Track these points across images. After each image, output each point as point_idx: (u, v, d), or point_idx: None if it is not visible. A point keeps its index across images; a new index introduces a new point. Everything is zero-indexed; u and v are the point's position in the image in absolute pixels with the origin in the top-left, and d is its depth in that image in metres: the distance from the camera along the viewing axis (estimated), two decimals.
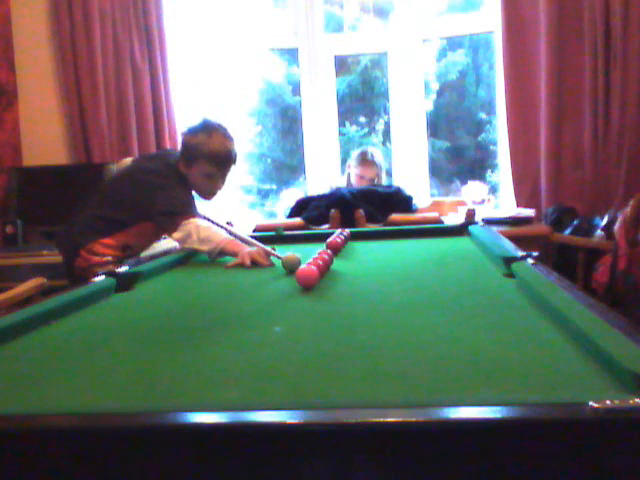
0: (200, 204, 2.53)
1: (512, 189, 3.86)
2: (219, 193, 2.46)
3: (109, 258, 2.33)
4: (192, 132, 2.33)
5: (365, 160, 3.69)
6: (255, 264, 2.02)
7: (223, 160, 2.31)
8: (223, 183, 2.41)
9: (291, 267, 1.83)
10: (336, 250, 2.07)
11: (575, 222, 3.42)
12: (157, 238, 2.49)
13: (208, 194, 2.42)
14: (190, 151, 2.32)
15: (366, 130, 4.90)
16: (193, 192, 2.44)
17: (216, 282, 1.91)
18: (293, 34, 4.27)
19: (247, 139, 4.76)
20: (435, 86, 4.79)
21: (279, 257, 1.97)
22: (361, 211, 3.21)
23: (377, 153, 3.77)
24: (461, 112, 4.87)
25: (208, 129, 2.31)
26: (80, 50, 3.84)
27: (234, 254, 2.11)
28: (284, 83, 4.88)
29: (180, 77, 4.07)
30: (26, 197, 3.80)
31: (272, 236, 2.65)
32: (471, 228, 2.53)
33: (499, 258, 1.75)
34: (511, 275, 1.60)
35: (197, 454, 0.69)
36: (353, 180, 3.73)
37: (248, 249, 2.09)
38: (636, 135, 3.49)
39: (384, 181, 3.78)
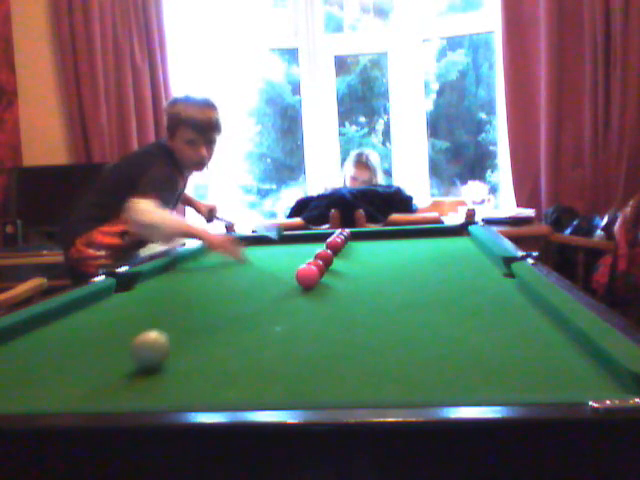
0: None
1: (512, 189, 3.85)
2: (209, 165, 2.47)
3: (102, 253, 2.33)
4: (171, 103, 2.44)
5: (359, 162, 3.68)
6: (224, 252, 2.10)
7: (202, 124, 2.33)
8: (210, 152, 2.40)
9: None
10: (336, 250, 2.07)
11: (575, 222, 3.42)
12: None
13: (195, 164, 2.41)
14: (171, 120, 2.38)
15: (366, 130, 4.90)
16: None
17: (216, 282, 1.91)
18: (293, 34, 4.27)
19: (247, 139, 4.76)
20: (435, 86, 4.79)
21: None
22: (361, 211, 3.21)
23: (374, 156, 3.74)
24: (461, 112, 4.88)
25: (186, 97, 2.39)
26: (80, 50, 3.84)
27: (196, 238, 2.20)
28: (284, 83, 4.89)
29: (180, 77, 4.07)
30: (26, 197, 3.80)
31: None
32: (471, 228, 2.53)
33: (499, 258, 1.75)
34: (511, 275, 1.60)
35: (197, 454, 0.69)
36: (347, 181, 3.73)
37: (208, 232, 2.17)
38: (636, 135, 3.49)
39: (381, 183, 3.77)
